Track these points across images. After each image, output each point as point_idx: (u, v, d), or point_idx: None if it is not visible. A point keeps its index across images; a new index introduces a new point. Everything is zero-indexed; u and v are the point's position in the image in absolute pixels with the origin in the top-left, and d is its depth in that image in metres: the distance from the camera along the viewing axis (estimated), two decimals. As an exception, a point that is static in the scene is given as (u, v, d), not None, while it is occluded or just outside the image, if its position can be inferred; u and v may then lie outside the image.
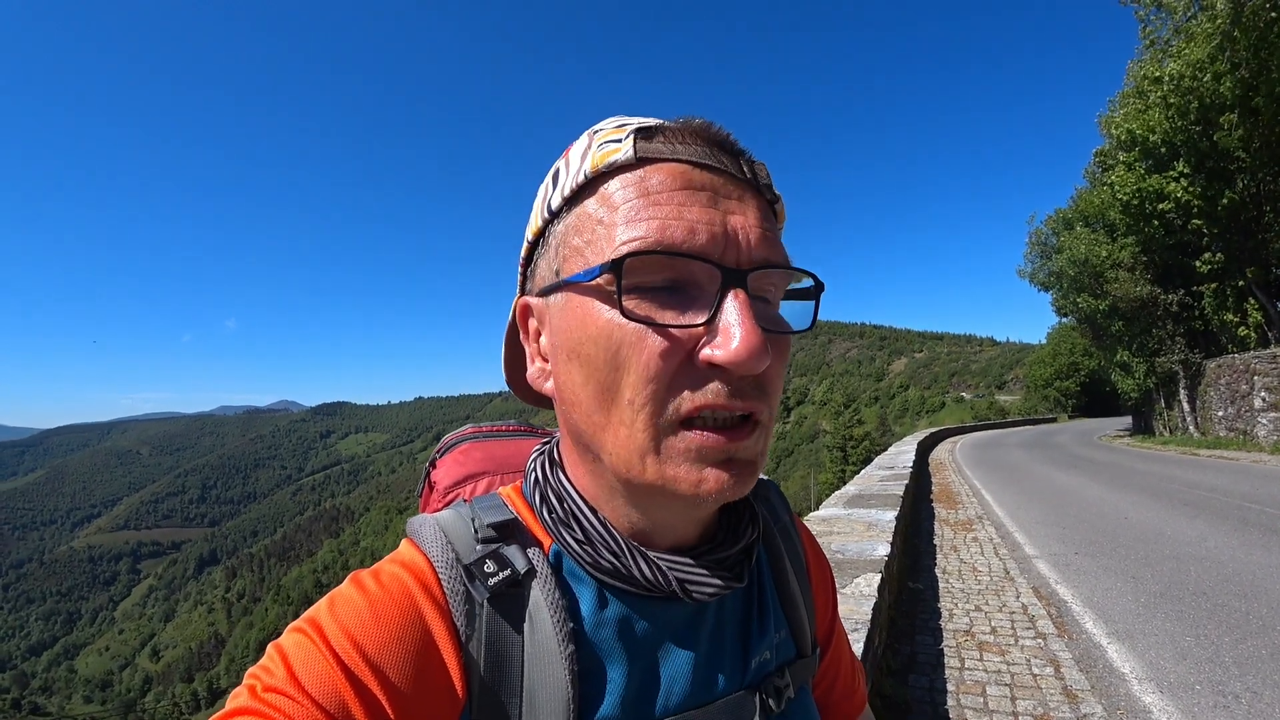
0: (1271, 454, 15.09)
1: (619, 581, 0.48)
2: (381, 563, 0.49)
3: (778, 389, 0.45)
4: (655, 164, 0.44)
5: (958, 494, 11.24)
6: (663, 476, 0.42)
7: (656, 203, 0.42)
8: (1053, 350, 67.08)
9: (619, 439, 0.43)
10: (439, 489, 0.78)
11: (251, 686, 0.41)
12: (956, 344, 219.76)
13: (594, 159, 0.45)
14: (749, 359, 0.40)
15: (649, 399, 0.41)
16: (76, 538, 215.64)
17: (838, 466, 43.42)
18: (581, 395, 0.45)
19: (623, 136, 0.45)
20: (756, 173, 0.46)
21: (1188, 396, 22.29)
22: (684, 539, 0.50)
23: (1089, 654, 3.99)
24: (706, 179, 0.43)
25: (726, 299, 0.41)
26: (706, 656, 0.51)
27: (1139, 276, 22.69)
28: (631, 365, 0.41)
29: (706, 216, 0.42)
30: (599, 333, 0.43)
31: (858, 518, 5.14)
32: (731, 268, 0.42)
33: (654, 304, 0.42)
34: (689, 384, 0.42)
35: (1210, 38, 15.99)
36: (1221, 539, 6.60)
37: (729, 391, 0.41)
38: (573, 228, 0.46)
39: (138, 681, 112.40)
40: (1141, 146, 19.56)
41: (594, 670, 0.46)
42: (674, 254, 0.41)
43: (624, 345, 0.42)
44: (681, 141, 0.44)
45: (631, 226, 0.42)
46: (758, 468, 0.45)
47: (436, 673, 0.43)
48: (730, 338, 0.40)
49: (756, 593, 0.57)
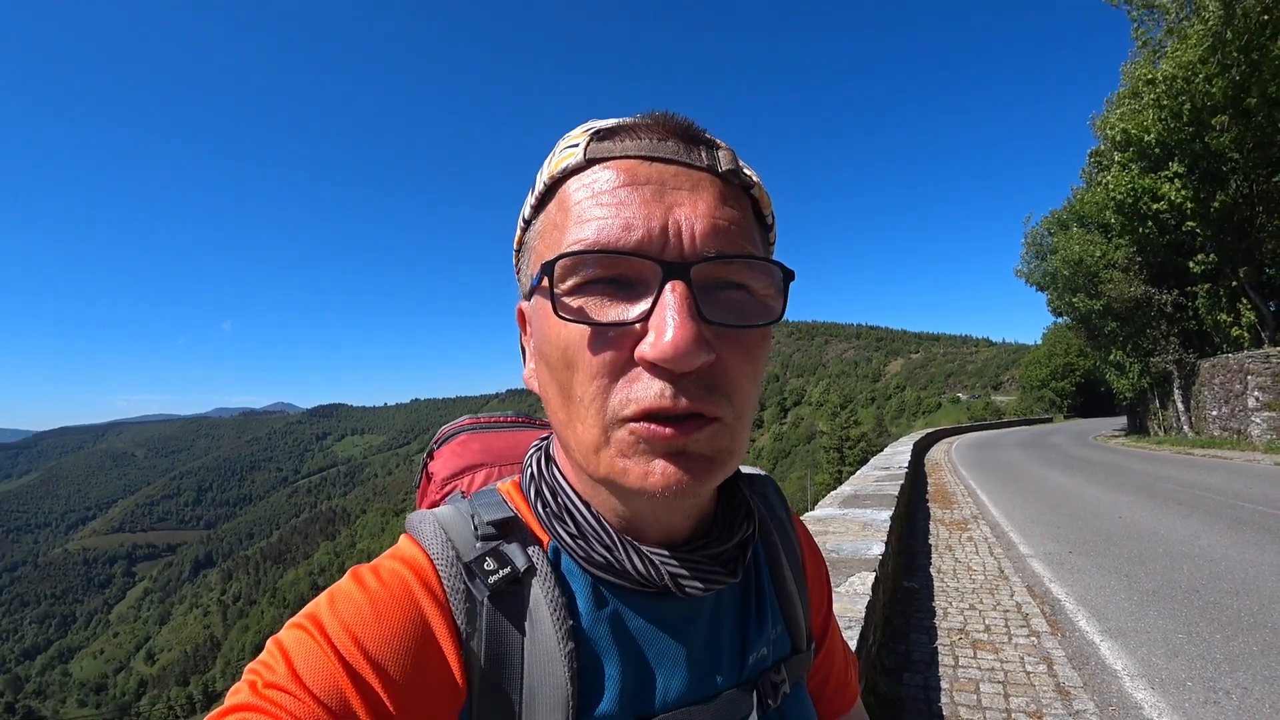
0: (1265, 453, 15.17)
1: (613, 576, 0.48)
2: (381, 558, 0.49)
3: (743, 386, 0.43)
4: (604, 163, 0.44)
5: (953, 494, 11.27)
6: (613, 470, 0.42)
7: (600, 203, 0.42)
8: (1048, 351, 67.34)
9: (577, 435, 0.44)
10: (436, 480, 0.79)
11: (252, 682, 0.40)
12: (953, 345, 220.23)
13: (552, 165, 0.46)
14: (675, 355, 0.39)
15: (595, 395, 0.42)
16: (71, 540, 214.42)
17: (834, 467, 43.55)
18: (549, 393, 0.46)
19: (581, 140, 0.45)
20: (717, 158, 0.45)
21: (1182, 396, 22.39)
22: (676, 534, 0.50)
23: (1082, 651, 4.02)
24: (652, 172, 0.43)
25: (663, 293, 0.40)
26: (703, 653, 0.51)
27: (1133, 277, 22.80)
28: (579, 364, 0.42)
29: (645, 211, 0.42)
30: (553, 334, 0.43)
31: (853, 517, 5.16)
32: (672, 261, 0.41)
33: (598, 302, 0.42)
34: (631, 382, 0.41)
35: (1202, 39, 16.10)
36: (1214, 537, 6.64)
37: (673, 392, 0.40)
38: (539, 233, 0.47)
39: (132, 685, 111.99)
40: (1136, 147, 19.67)
41: (592, 667, 0.47)
42: (607, 252, 0.41)
43: (570, 345, 0.42)
44: (633, 137, 0.45)
45: (577, 228, 0.42)
46: (718, 464, 0.43)
47: (437, 670, 0.43)
48: (660, 333, 0.39)
49: (753, 589, 0.57)
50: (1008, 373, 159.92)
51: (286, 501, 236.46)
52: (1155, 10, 18.25)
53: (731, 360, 0.43)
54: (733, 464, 0.45)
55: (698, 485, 0.42)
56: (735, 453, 0.44)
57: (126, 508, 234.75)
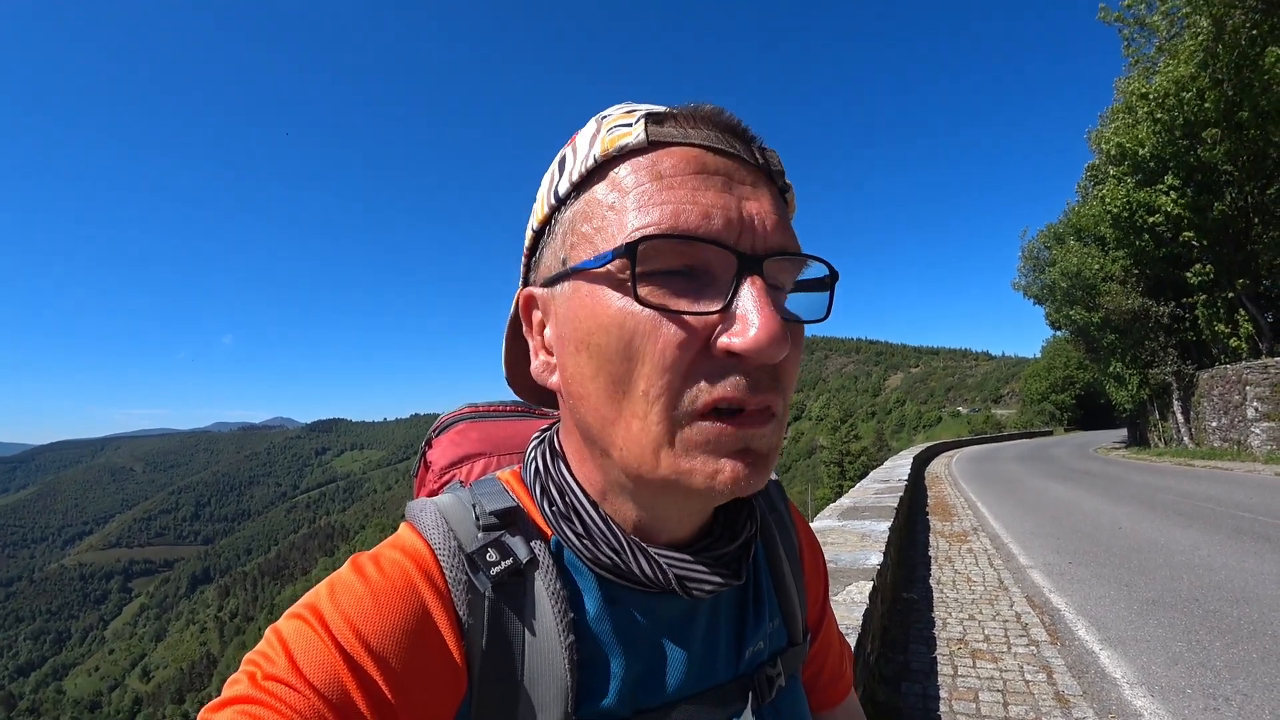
0: (1265, 463, 15.14)
1: (618, 577, 0.48)
2: (381, 547, 0.48)
3: (793, 381, 0.45)
4: (667, 148, 0.43)
5: (953, 507, 11.24)
6: (677, 470, 0.41)
7: (670, 187, 0.41)
8: (1048, 364, 67.43)
9: (631, 432, 0.42)
10: (434, 469, 0.78)
11: (251, 674, 0.40)
12: (952, 358, 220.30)
13: (604, 143, 0.44)
14: (769, 346, 0.38)
15: (664, 389, 0.40)
16: (67, 555, 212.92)
17: (835, 481, 43.40)
18: (590, 388, 0.44)
19: (633, 121, 0.44)
20: (769, 159, 0.46)
21: (1181, 408, 22.38)
22: (682, 535, 0.50)
23: (1081, 660, 4.00)
24: (720, 163, 0.43)
25: (743, 285, 0.40)
26: (702, 648, 0.51)
27: (1131, 289, 22.89)
28: (646, 355, 0.40)
29: (721, 201, 0.41)
30: (610, 321, 0.41)
31: (852, 529, 5.16)
32: (747, 254, 0.41)
33: (668, 291, 0.40)
34: (705, 375, 0.40)
35: (1193, 55, 16.29)
36: (1214, 547, 6.62)
37: (748, 384, 0.40)
38: (581, 214, 0.45)
39: (127, 703, 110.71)
40: (1131, 160, 19.83)
41: (592, 660, 0.47)
42: (689, 238, 0.40)
43: (638, 334, 0.40)
44: (693, 126, 0.44)
45: (644, 211, 0.40)
46: (772, 460, 0.44)
47: (438, 661, 0.43)
48: (749, 325, 0.39)
49: (752, 584, 0.57)
50: (1008, 386, 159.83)
51: (285, 517, 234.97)
52: (1147, 28, 18.51)
53: (791, 355, 0.43)
54: (775, 460, 0.45)
55: (756, 481, 0.42)
56: (779, 448, 0.45)
57: (124, 523, 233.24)
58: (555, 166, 0.49)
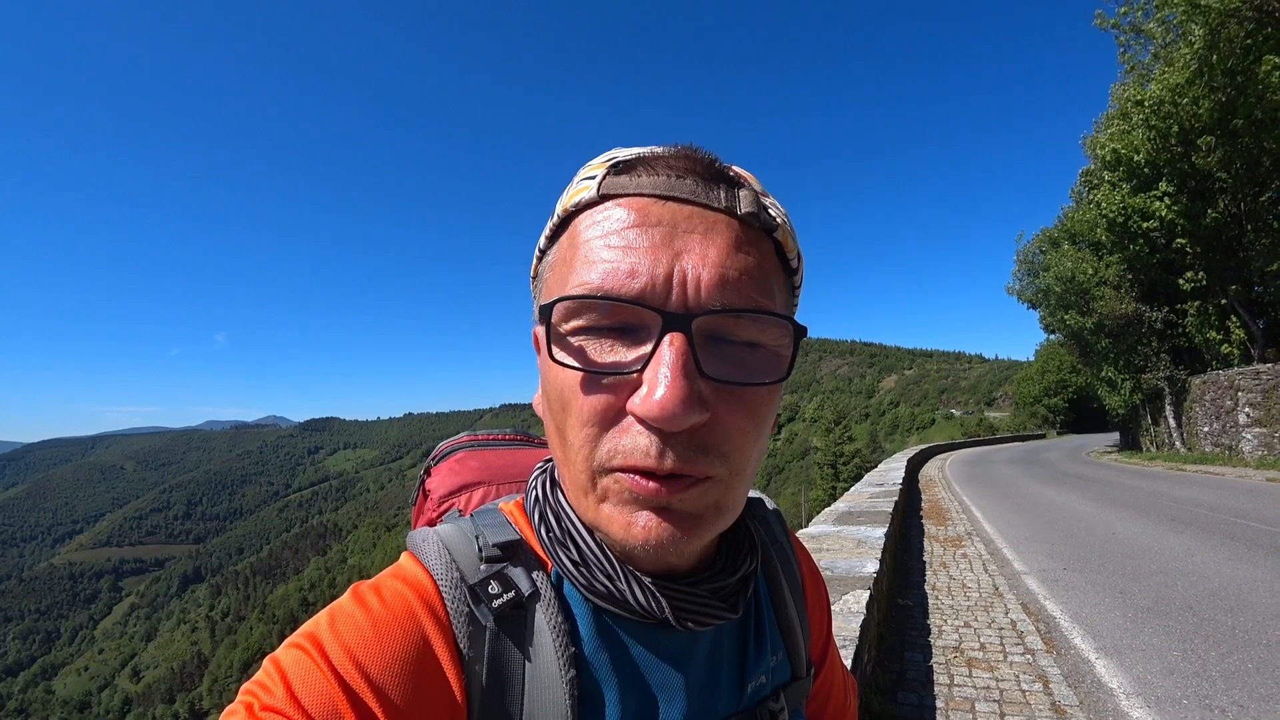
0: (1257, 469, 15.23)
1: (613, 606, 0.47)
2: (383, 576, 0.48)
3: (741, 445, 0.41)
4: (616, 199, 0.42)
5: (947, 510, 11.26)
6: (597, 518, 0.42)
7: (608, 245, 0.41)
8: (1041, 367, 67.75)
9: (568, 475, 0.44)
10: (434, 498, 0.77)
11: (249, 704, 0.39)
12: (946, 361, 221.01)
13: (565, 199, 0.45)
14: (662, 415, 0.37)
15: (585, 442, 0.41)
16: (57, 554, 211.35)
17: (829, 483, 43.36)
18: (550, 429, 0.46)
19: (597, 173, 0.44)
20: (737, 199, 0.43)
21: (1173, 412, 22.51)
22: (678, 565, 0.49)
23: (1077, 669, 4.00)
24: (665, 213, 0.41)
25: (661, 345, 0.38)
26: (703, 682, 0.50)
27: (1124, 294, 23.03)
28: (572, 408, 0.41)
29: (651, 258, 0.40)
30: (551, 373, 0.43)
31: (847, 534, 5.15)
32: (674, 312, 0.39)
33: (599, 346, 0.41)
34: (621, 434, 0.40)
35: (1188, 63, 16.37)
36: (1208, 554, 6.64)
37: (659, 449, 0.38)
38: (550, 265, 0.46)
39: (117, 703, 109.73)
40: (1126, 166, 19.94)
41: (593, 694, 0.46)
42: (606, 299, 0.39)
43: (565, 387, 0.41)
44: (649, 172, 0.42)
45: (584, 269, 0.41)
46: (706, 522, 0.41)
47: (438, 694, 0.42)
48: (652, 389, 0.37)
49: (754, 617, 0.56)
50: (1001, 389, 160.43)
51: (277, 516, 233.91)
52: (1143, 35, 18.60)
53: (731, 419, 0.40)
54: (725, 520, 0.43)
55: (683, 543, 0.41)
56: (727, 509, 0.43)
57: (114, 521, 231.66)
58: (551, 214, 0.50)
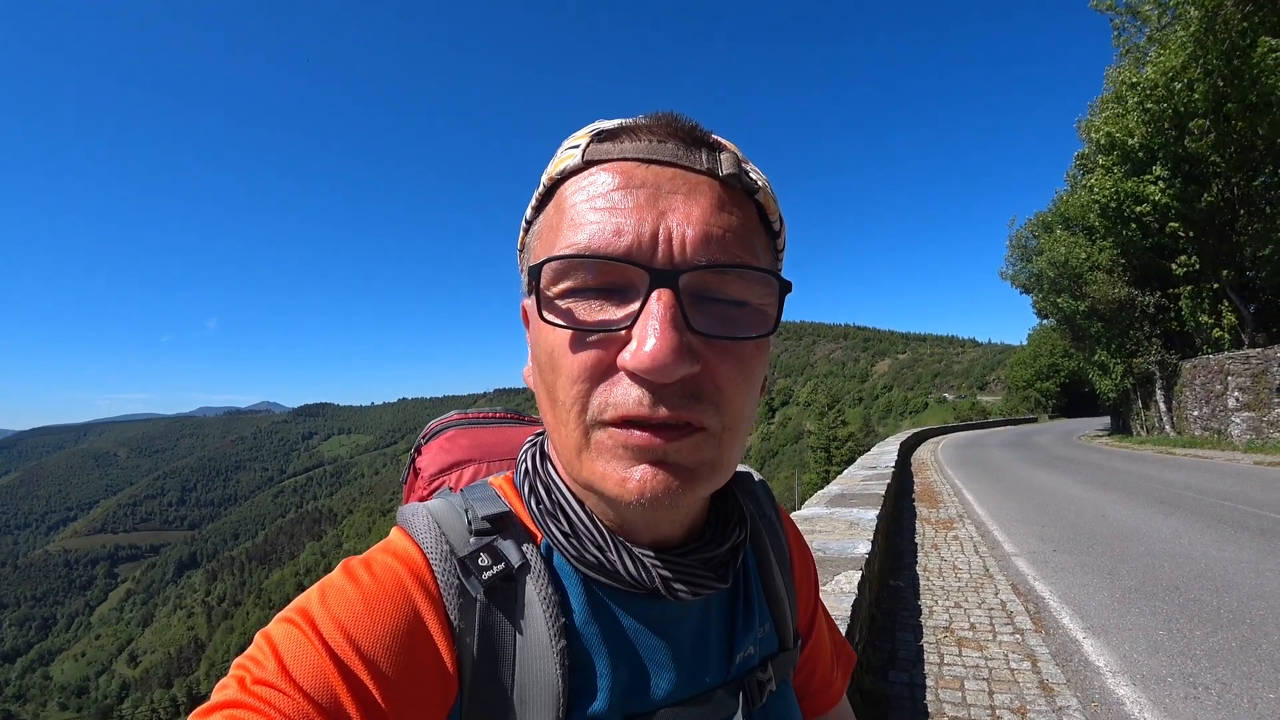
0: (1244, 452, 15.40)
1: (604, 577, 0.48)
2: (373, 551, 0.49)
3: (733, 396, 0.42)
4: (601, 165, 0.44)
5: (939, 493, 11.36)
6: (592, 474, 0.42)
7: (594, 207, 0.42)
8: (1033, 351, 68.04)
9: (561, 438, 0.44)
10: (424, 476, 0.78)
11: (240, 678, 0.40)
12: (939, 345, 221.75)
13: (550, 168, 0.46)
14: (653, 366, 0.38)
15: (576, 399, 0.42)
16: (52, 541, 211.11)
17: (822, 467, 43.67)
18: (540, 395, 0.47)
19: (581, 142, 0.45)
20: (719, 161, 0.44)
21: (1164, 397, 22.69)
22: (669, 535, 0.50)
23: (1065, 648, 4.06)
24: (648, 175, 0.43)
25: (649, 301, 0.40)
26: (692, 652, 0.51)
27: (1117, 278, 23.08)
28: (562, 367, 0.42)
29: (637, 217, 0.41)
30: (542, 335, 0.44)
31: (840, 517, 5.19)
32: (660, 269, 0.40)
33: (588, 306, 0.42)
34: (612, 387, 0.41)
35: (1183, 46, 16.31)
36: (1195, 535, 6.73)
37: (652, 400, 0.40)
38: (536, 234, 0.48)
39: (115, 688, 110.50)
40: (1120, 150, 19.92)
41: (583, 664, 0.47)
42: (595, 258, 0.40)
43: (555, 348, 0.42)
44: (632, 139, 0.44)
45: (571, 231, 0.42)
46: (700, 477, 0.42)
47: (429, 666, 0.43)
48: (641, 342, 0.39)
49: (742, 588, 0.57)
50: (993, 373, 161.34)
51: (272, 502, 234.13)
52: (1139, 17, 18.50)
53: (722, 370, 0.42)
54: (719, 478, 0.44)
55: (677, 496, 0.41)
56: (721, 465, 0.43)
57: (109, 508, 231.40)
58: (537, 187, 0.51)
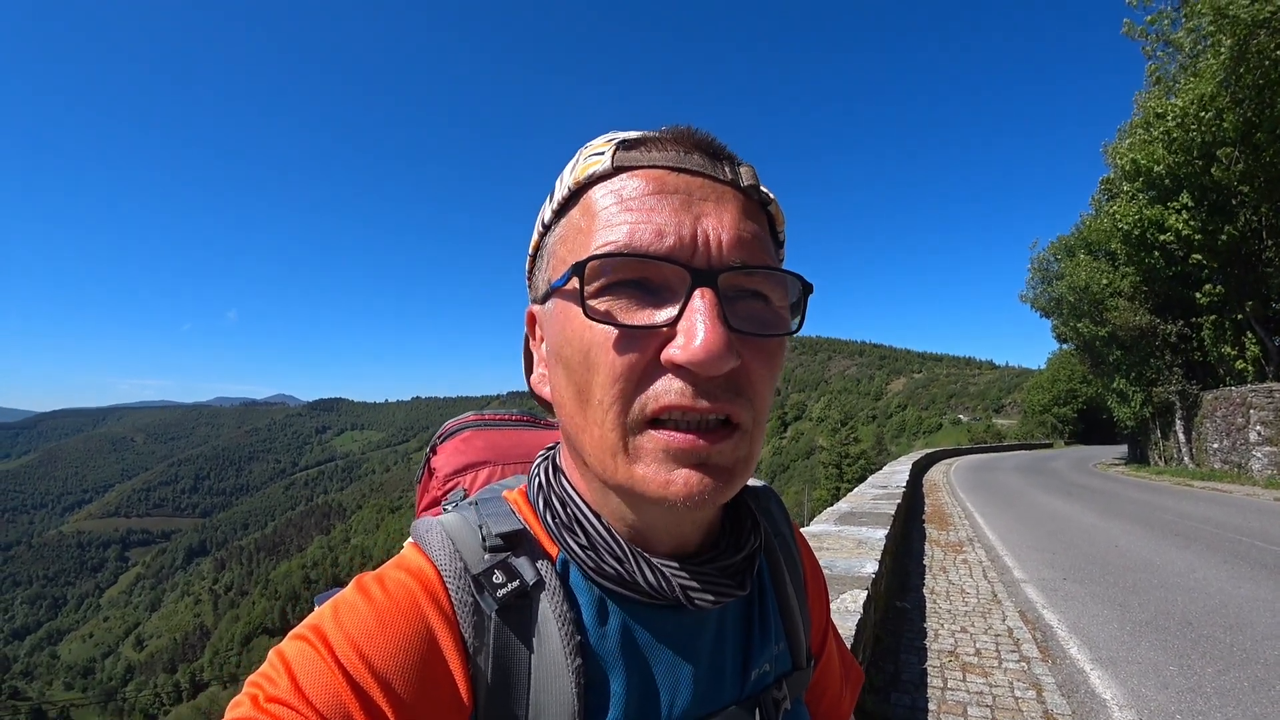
0: (1265, 488, 15.08)
1: (622, 588, 0.48)
2: (386, 567, 0.49)
3: (762, 392, 0.45)
4: (631, 171, 0.45)
5: (950, 516, 11.24)
6: (631, 477, 0.42)
7: (629, 208, 0.43)
8: (1051, 376, 67.10)
9: (594, 439, 0.44)
10: (439, 476, 0.79)
11: (254, 696, 0.39)
12: (955, 366, 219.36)
13: (578, 172, 0.47)
14: (706, 359, 0.39)
15: (616, 398, 0.42)
16: (66, 522, 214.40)
17: (833, 483, 43.36)
18: (565, 397, 0.46)
19: (605, 149, 0.47)
20: (739, 174, 0.47)
21: (1184, 427, 22.28)
22: (685, 545, 0.50)
23: (1072, 679, 4.00)
24: (680, 182, 0.44)
25: (692, 298, 0.41)
26: (708, 668, 0.51)
27: (1139, 306, 22.75)
28: (600, 365, 0.42)
29: (676, 219, 0.43)
30: (574, 335, 0.44)
31: (848, 534, 5.16)
32: (700, 268, 0.42)
33: (625, 305, 0.42)
34: (655, 384, 0.41)
35: (1215, 74, 16.11)
36: (1211, 570, 6.61)
37: (694, 392, 0.41)
38: (560, 238, 0.48)
39: (120, 670, 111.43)
40: (1145, 177, 19.63)
41: (599, 681, 0.47)
42: (639, 256, 0.42)
43: (593, 346, 0.42)
44: (659, 148, 0.46)
45: (606, 231, 0.43)
46: (736, 475, 0.44)
47: (443, 684, 0.43)
48: (691, 337, 0.40)
49: (757, 604, 0.57)
50: (1010, 396, 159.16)
51: (283, 494, 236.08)
52: (1170, 45, 18.30)
53: (754, 366, 0.44)
54: (748, 473, 0.46)
55: (717, 495, 0.42)
56: (751, 460, 0.45)
57: (123, 492, 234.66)
58: (548, 196, 0.51)
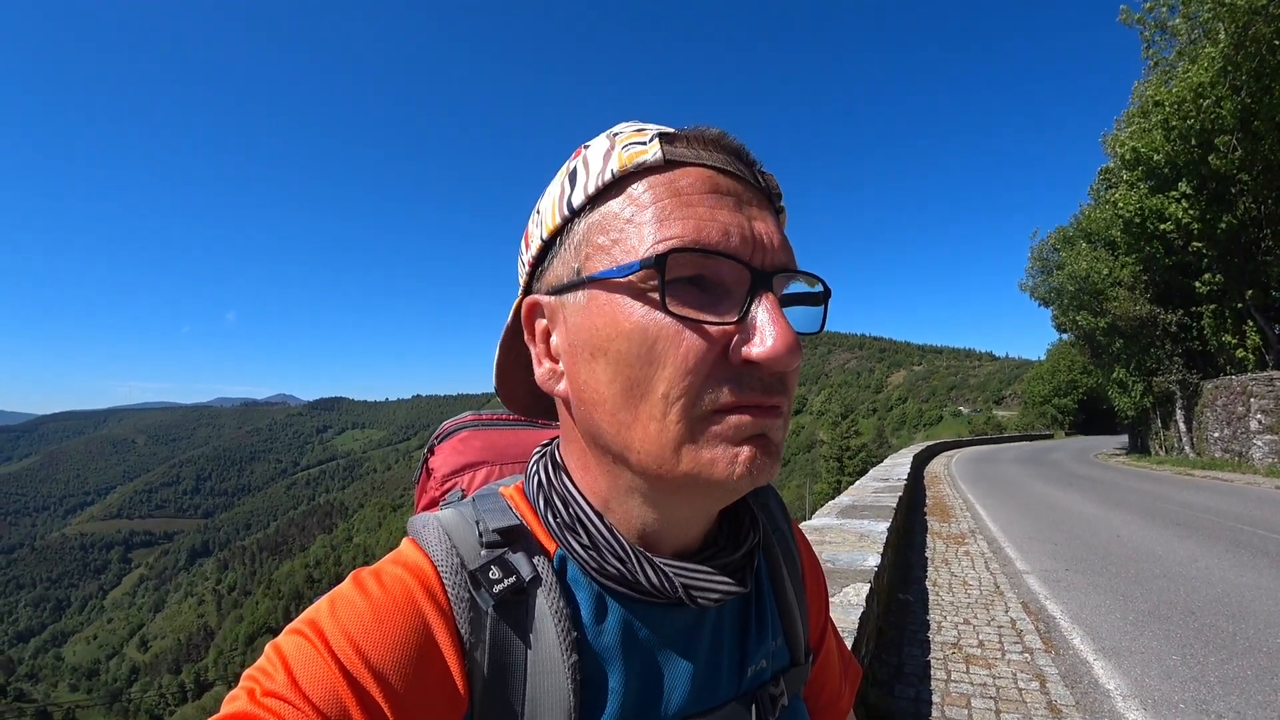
0: (1266, 476, 15.10)
1: (623, 587, 0.48)
2: (383, 563, 0.48)
3: (793, 386, 0.47)
4: (683, 167, 0.45)
5: (951, 508, 11.25)
6: (698, 462, 0.42)
7: (689, 204, 0.43)
8: (1051, 367, 67.20)
9: (648, 434, 0.43)
10: (436, 476, 0.78)
11: (250, 690, 0.40)
12: (956, 358, 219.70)
13: (621, 159, 0.45)
14: (786, 356, 0.41)
15: (685, 391, 0.41)
16: (68, 525, 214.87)
17: (834, 476, 43.40)
18: (606, 393, 0.44)
19: (646, 139, 0.45)
20: (769, 183, 0.49)
21: (1184, 417, 22.30)
22: (688, 543, 0.50)
23: (1075, 670, 4.01)
24: (731, 185, 0.45)
25: (759, 299, 0.42)
26: (705, 664, 0.51)
27: (1139, 295, 22.73)
28: (668, 359, 0.41)
29: (736, 220, 0.43)
30: (633, 328, 0.42)
31: (850, 528, 5.16)
32: (760, 269, 0.43)
33: (686, 301, 0.42)
34: (724, 379, 0.42)
35: (1213, 62, 16.06)
36: (1213, 560, 6.62)
37: (763, 386, 0.43)
38: (596, 226, 0.45)
39: (124, 671, 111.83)
40: (1144, 166, 19.59)
41: (596, 678, 0.46)
42: (711, 253, 0.42)
43: (660, 340, 0.42)
44: (704, 148, 0.46)
45: (666, 225, 0.42)
46: (781, 453, 0.46)
47: (439, 679, 0.43)
48: (766, 336, 0.41)
49: (755, 600, 0.57)
50: (1010, 388, 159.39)
51: (285, 493, 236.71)
52: (1168, 32, 18.24)
53: None
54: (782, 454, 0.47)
55: (770, 471, 0.44)
56: (784, 443, 0.47)
57: (125, 494, 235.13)
58: (564, 179, 0.48)
